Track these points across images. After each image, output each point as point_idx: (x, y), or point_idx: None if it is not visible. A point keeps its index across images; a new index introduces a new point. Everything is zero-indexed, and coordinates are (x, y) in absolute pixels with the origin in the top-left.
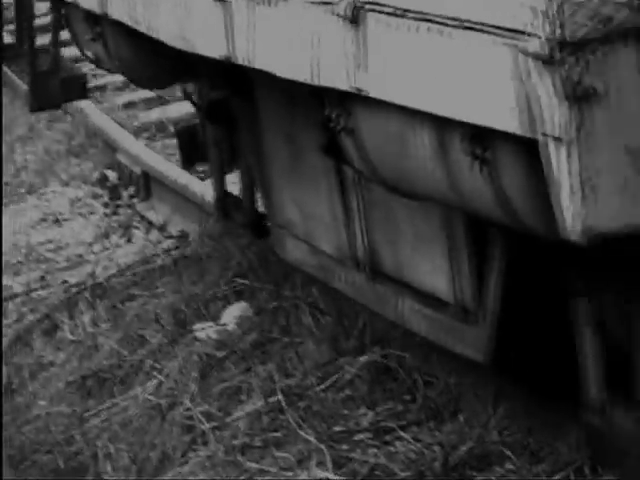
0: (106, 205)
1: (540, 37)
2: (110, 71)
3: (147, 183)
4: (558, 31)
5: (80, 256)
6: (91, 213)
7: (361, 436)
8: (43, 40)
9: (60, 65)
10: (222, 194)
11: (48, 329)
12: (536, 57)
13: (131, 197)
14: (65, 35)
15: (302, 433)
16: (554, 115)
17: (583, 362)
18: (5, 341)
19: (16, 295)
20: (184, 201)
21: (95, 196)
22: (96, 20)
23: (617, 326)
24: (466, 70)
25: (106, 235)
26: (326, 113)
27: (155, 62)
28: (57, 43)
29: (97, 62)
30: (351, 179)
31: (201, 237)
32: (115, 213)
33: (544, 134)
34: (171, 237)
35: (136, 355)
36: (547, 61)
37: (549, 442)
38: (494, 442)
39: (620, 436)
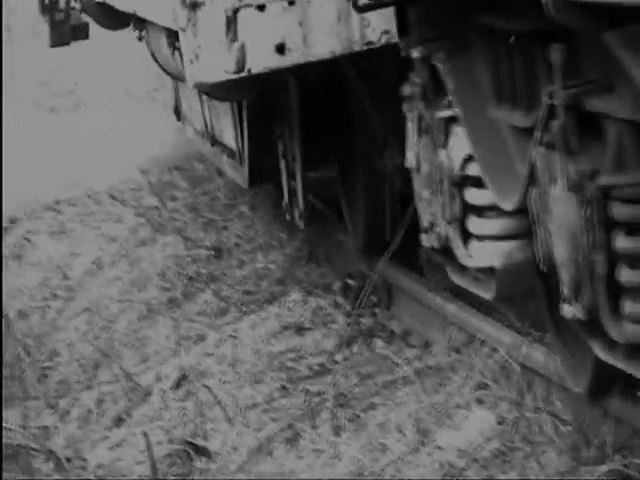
0: (348, 314)
1: None
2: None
3: (389, 292)
4: None
5: (322, 365)
6: (333, 322)
7: None
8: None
9: (70, 16)
10: (175, 104)
11: (289, 438)
12: None
13: (373, 306)
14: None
15: None
16: (182, 16)
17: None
18: (246, 450)
19: (257, 404)
20: (426, 310)
21: (337, 305)
22: None
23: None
24: None
25: (348, 344)
26: (134, 29)
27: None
28: (69, 3)
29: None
30: None
31: (443, 347)
32: (357, 322)
33: (179, 27)
34: (413, 346)
35: (377, 464)
36: None
37: None
38: None
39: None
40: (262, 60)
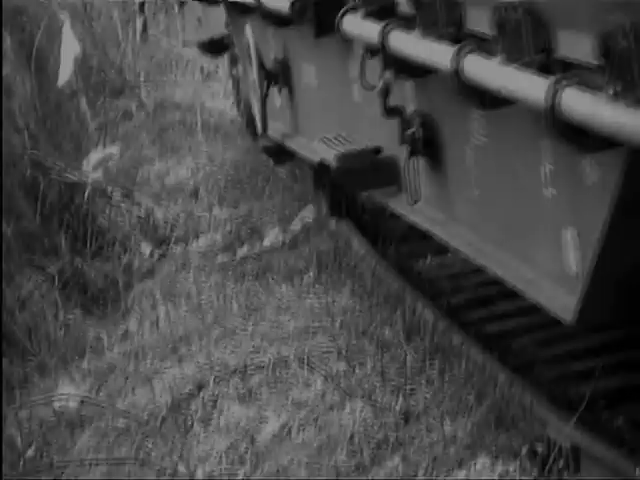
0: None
1: None
2: None
3: (576, 457)
4: None
5: None
6: None
7: None
8: None
9: None
10: None
11: None
12: None
13: (560, 471)
14: None
15: None
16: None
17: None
18: None
19: None
20: (614, 476)
21: (524, 470)
22: None
23: None
24: None
25: None
26: None
27: None
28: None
29: None
30: None
31: None
32: None
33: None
34: None
35: None
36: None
37: None
38: None
39: None
40: None
